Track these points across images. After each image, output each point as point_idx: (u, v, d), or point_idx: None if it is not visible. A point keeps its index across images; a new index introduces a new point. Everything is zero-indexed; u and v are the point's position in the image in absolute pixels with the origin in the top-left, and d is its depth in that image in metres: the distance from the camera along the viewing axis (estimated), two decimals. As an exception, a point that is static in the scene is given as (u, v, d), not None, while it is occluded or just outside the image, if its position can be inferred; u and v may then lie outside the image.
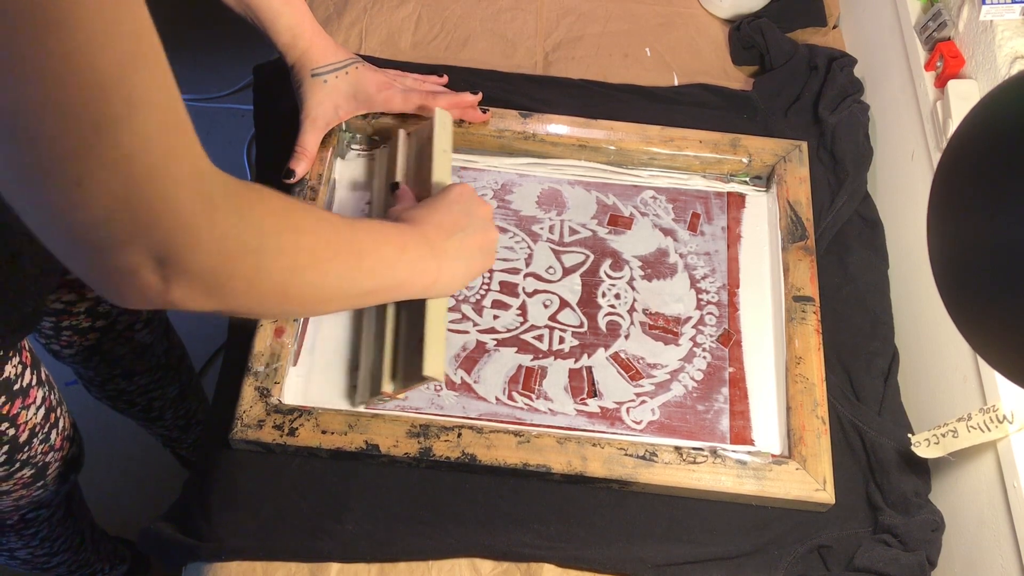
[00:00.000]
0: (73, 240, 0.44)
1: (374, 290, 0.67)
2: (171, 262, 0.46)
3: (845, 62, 1.01)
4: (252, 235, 0.51)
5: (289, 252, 0.55)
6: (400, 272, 0.68)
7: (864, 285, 0.90)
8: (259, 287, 0.53)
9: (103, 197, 0.41)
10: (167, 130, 0.43)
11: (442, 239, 0.72)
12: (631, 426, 0.81)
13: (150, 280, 0.46)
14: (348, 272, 0.62)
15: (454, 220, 0.74)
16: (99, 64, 0.37)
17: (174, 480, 1.05)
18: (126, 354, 1.10)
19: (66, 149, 0.39)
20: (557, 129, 0.93)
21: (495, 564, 0.75)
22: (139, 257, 0.45)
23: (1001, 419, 0.70)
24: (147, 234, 0.44)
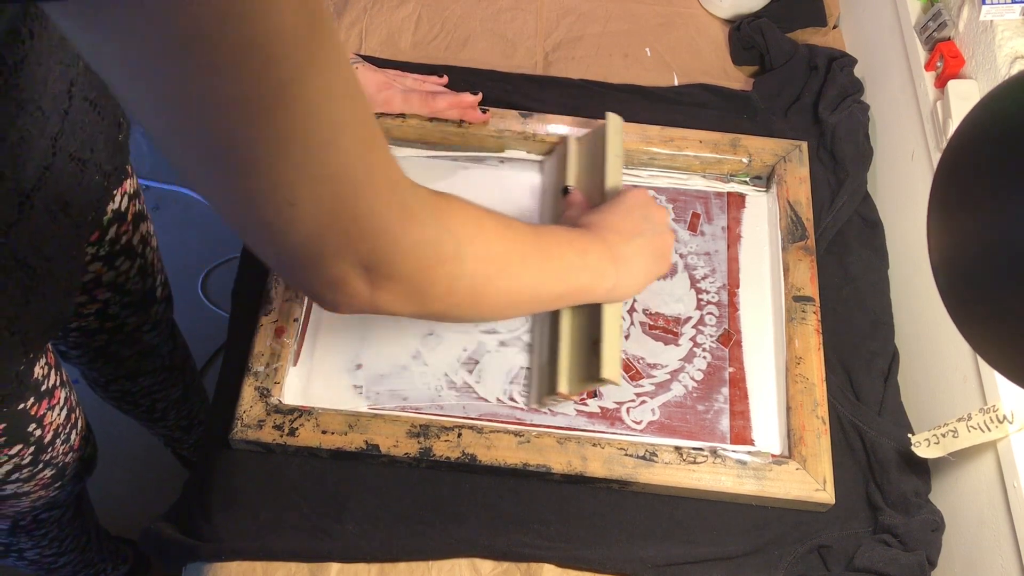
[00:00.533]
0: (288, 255, 0.48)
1: (562, 294, 0.68)
2: (376, 270, 0.49)
3: (845, 62, 1.01)
4: (448, 242, 0.53)
5: (482, 258, 0.57)
6: (583, 276, 0.69)
7: (864, 285, 0.90)
8: (456, 292, 0.56)
9: (314, 214, 0.45)
10: (367, 147, 0.45)
11: (621, 243, 0.73)
12: (631, 426, 0.81)
13: (359, 288, 0.50)
14: (537, 276, 0.63)
15: (633, 225, 0.75)
16: (306, 94, 0.40)
17: (174, 480, 1.05)
18: (132, 356, 1.10)
19: (280, 175, 0.42)
20: (557, 129, 0.93)
21: (495, 564, 0.75)
22: (348, 267, 0.48)
23: (1001, 419, 0.70)
24: (355, 246, 0.48)
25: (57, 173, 0.70)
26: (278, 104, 0.39)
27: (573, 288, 0.68)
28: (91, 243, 0.86)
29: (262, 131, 0.40)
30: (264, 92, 0.38)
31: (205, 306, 1.69)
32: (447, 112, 0.91)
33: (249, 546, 0.74)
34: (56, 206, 0.71)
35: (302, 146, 0.41)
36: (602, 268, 0.71)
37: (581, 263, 0.69)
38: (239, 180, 0.43)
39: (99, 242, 0.87)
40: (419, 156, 0.94)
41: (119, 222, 0.88)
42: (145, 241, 0.96)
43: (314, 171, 0.43)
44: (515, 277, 0.61)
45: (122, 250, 0.91)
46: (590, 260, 0.70)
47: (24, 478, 0.87)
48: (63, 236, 0.73)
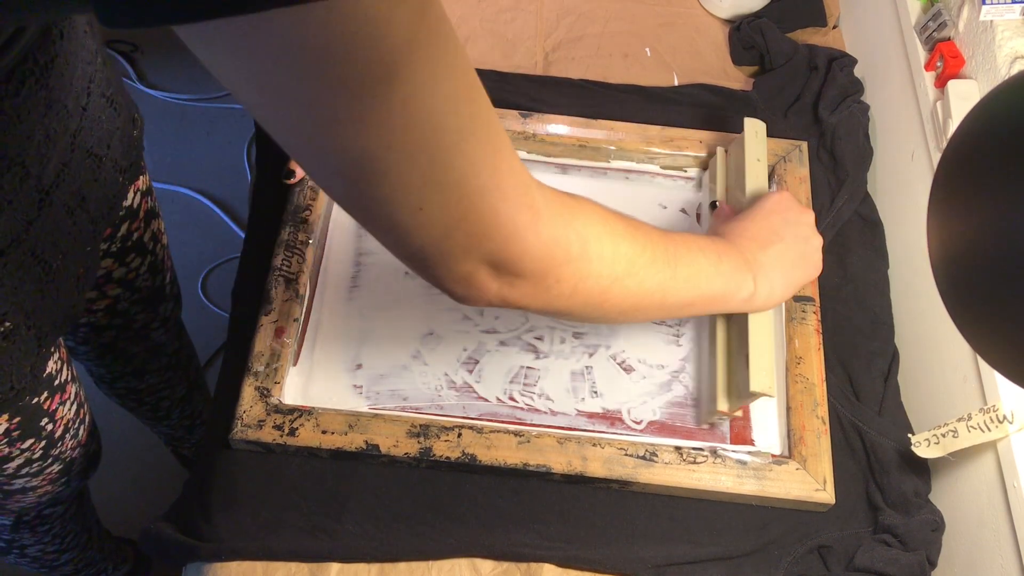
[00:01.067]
0: (418, 255, 0.50)
1: (691, 301, 0.66)
2: (505, 267, 0.51)
3: (845, 62, 1.01)
4: (575, 241, 0.54)
5: (609, 259, 0.58)
6: (716, 284, 0.67)
7: (864, 285, 0.90)
8: (582, 291, 0.57)
9: (441, 218, 0.46)
10: (491, 151, 0.46)
11: (757, 251, 0.72)
12: (631, 426, 0.81)
13: (488, 283, 0.52)
14: (665, 281, 0.63)
15: (771, 231, 0.74)
16: (430, 104, 0.41)
17: (175, 480, 1.05)
18: (139, 353, 1.10)
19: (408, 181, 0.44)
20: (557, 129, 0.93)
21: (495, 564, 0.75)
22: (476, 265, 0.50)
23: (1001, 419, 0.70)
24: (481, 245, 0.49)
25: (75, 169, 0.70)
26: (404, 117, 0.40)
27: (705, 295, 0.67)
28: (104, 239, 0.86)
29: (389, 143, 0.41)
30: (387, 105, 0.40)
31: (205, 306, 1.69)
32: None
33: (249, 546, 0.74)
34: (74, 202, 0.71)
35: (428, 155, 0.43)
36: (738, 277, 0.69)
37: (714, 270, 0.67)
38: (368, 188, 0.44)
39: (111, 238, 0.87)
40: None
41: (131, 218, 0.88)
42: (156, 238, 0.96)
43: (441, 177, 0.44)
44: (643, 279, 0.60)
45: (133, 246, 0.91)
46: (724, 268, 0.68)
47: (34, 472, 0.87)
48: (79, 231, 0.73)
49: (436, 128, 0.42)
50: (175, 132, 1.89)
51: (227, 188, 1.80)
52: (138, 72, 1.94)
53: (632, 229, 0.61)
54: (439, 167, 0.44)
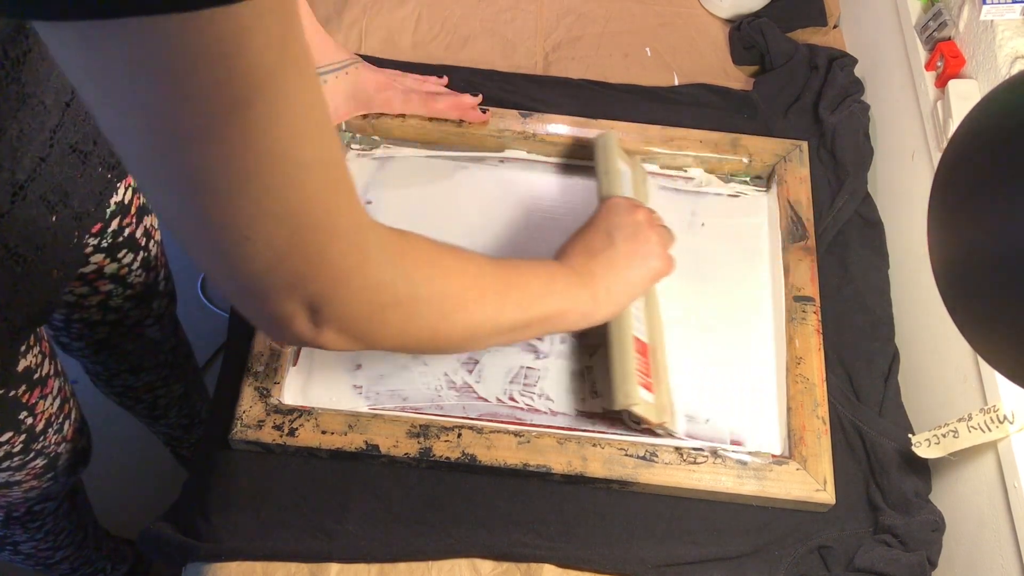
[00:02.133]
0: (238, 287, 0.48)
1: (526, 323, 0.67)
2: (324, 312, 0.50)
3: (845, 62, 1.01)
4: (403, 285, 0.54)
5: (438, 299, 0.58)
6: (549, 305, 0.68)
7: (864, 285, 0.90)
8: (410, 332, 0.57)
9: (268, 250, 0.45)
10: (331, 190, 0.45)
11: (588, 262, 0.72)
12: (631, 426, 0.80)
13: (302, 327, 0.50)
14: (495, 310, 0.63)
15: (600, 238, 0.75)
16: (274, 134, 0.40)
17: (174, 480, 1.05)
18: (135, 349, 1.10)
19: (238, 209, 0.42)
20: (557, 129, 0.93)
21: (495, 564, 0.75)
22: (294, 306, 0.49)
23: (1001, 419, 0.70)
24: (304, 286, 0.48)
25: (54, 165, 0.70)
26: (244, 141, 0.40)
27: (540, 315, 0.68)
28: (93, 234, 0.86)
29: (225, 165, 0.40)
30: (231, 129, 0.39)
31: (205, 306, 1.69)
32: (447, 113, 0.91)
33: (249, 546, 0.74)
34: (54, 197, 0.71)
35: (263, 184, 0.42)
36: (571, 293, 0.70)
37: (546, 290, 0.68)
38: (198, 209, 0.43)
39: (101, 233, 0.87)
40: (419, 156, 0.94)
41: (122, 214, 0.88)
42: (149, 235, 0.96)
43: (273, 209, 0.43)
44: (472, 313, 0.61)
45: (125, 242, 0.91)
46: (556, 287, 0.69)
47: (15, 466, 0.87)
48: (60, 227, 0.73)
49: (276, 159, 0.41)
50: (175, 132, 1.89)
51: (227, 188, 1.80)
52: (138, 72, 1.94)
53: (463, 263, 0.61)
54: (273, 199, 0.43)
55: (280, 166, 0.42)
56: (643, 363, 0.77)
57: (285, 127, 0.40)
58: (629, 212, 0.77)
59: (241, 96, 0.38)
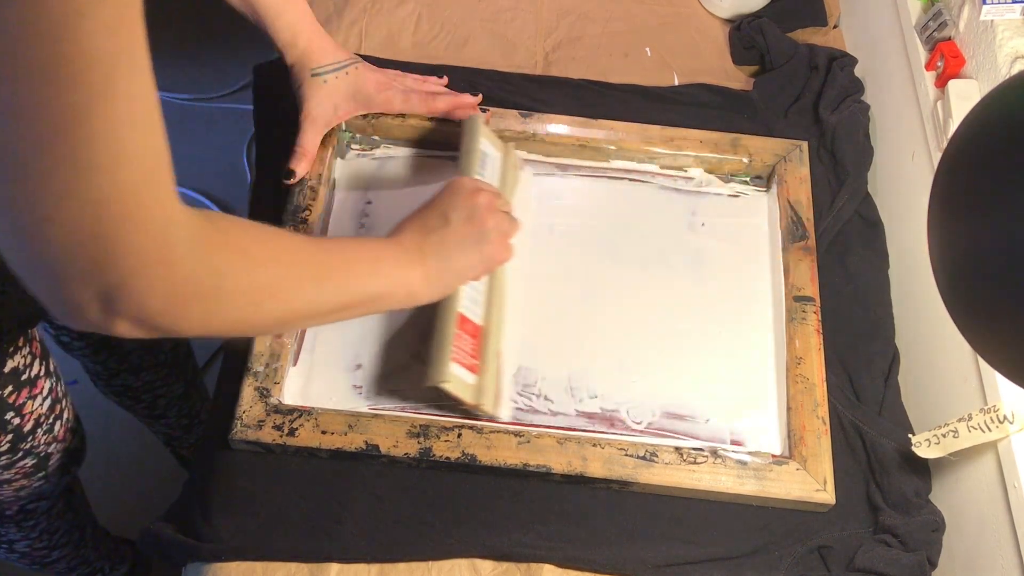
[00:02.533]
0: (33, 267, 0.47)
1: (347, 305, 0.66)
2: (118, 302, 0.48)
3: (845, 62, 1.01)
4: (208, 279, 0.53)
5: (246, 290, 0.56)
6: (371, 286, 0.68)
7: (864, 285, 0.90)
8: (214, 323, 0.55)
9: (69, 235, 0.44)
10: (146, 182, 0.45)
11: (418, 241, 0.72)
12: (631, 426, 0.81)
13: (92, 315, 0.49)
14: (313, 297, 0.63)
15: (437, 216, 0.74)
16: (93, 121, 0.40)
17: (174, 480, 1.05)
18: (134, 349, 1.10)
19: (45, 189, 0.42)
20: (557, 129, 0.93)
21: (495, 564, 0.75)
22: (87, 295, 0.47)
23: (1001, 419, 0.70)
24: (100, 274, 0.47)
25: None
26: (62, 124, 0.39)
27: (363, 297, 0.67)
28: None
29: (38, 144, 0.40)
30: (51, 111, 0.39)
31: (205, 306, 1.69)
32: (447, 113, 0.91)
33: (249, 546, 0.74)
34: None
35: (75, 168, 0.41)
36: (397, 274, 0.70)
37: (370, 271, 0.68)
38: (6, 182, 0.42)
39: None
40: (419, 156, 0.94)
41: None
42: None
43: (81, 194, 0.43)
44: (286, 300, 0.60)
45: None
46: (382, 268, 0.69)
47: (2, 465, 0.87)
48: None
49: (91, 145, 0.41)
50: (175, 132, 1.87)
51: (227, 188, 1.80)
52: (138, 72, 1.94)
53: (278, 251, 0.60)
54: (83, 184, 0.42)
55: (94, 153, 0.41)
56: (472, 344, 0.77)
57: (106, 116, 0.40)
58: (469, 194, 0.76)
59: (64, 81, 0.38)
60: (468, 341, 0.76)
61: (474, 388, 0.76)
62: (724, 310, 0.87)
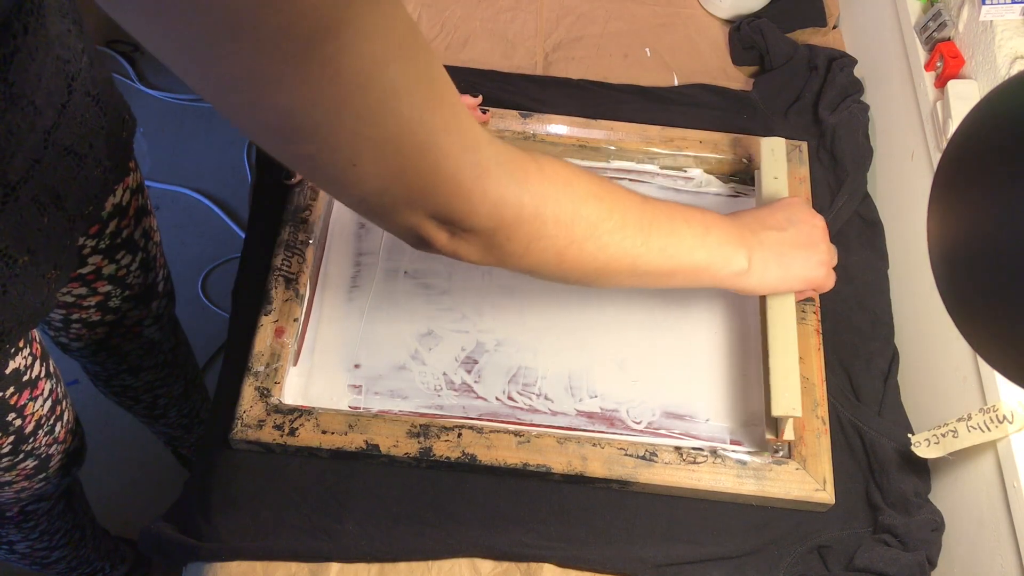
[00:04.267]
0: (362, 206, 0.50)
1: (670, 271, 0.65)
2: (451, 222, 0.51)
3: (845, 62, 1.01)
4: (528, 202, 0.53)
5: (566, 221, 0.56)
6: (698, 255, 0.67)
7: (864, 285, 0.90)
8: (536, 250, 0.56)
9: (377, 173, 0.46)
10: (429, 109, 0.46)
11: (758, 229, 0.72)
12: (631, 426, 0.81)
13: (436, 235, 0.52)
14: (634, 247, 0.61)
15: (778, 219, 0.74)
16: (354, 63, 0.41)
17: (174, 480, 1.05)
18: (134, 350, 1.10)
19: (337, 138, 0.44)
20: (557, 129, 0.93)
21: (495, 564, 0.75)
22: (421, 218, 0.50)
23: (1001, 419, 0.70)
24: (424, 200, 0.49)
25: (48, 166, 0.70)
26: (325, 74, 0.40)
27: (686, 266, 0.66)
28: (91, 236, 0.86)
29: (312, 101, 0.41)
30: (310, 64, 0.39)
31: (205, 306, 1.69)
32: None
33: (249, 546, 0.74)
34: (46, 199, 0.71)
35: (354, 112, 0.43)
36: (726, 250, 0.68)
37: (697, 242, 0.66)
38: (298, 146, 0.44)
39: (99, 235, 0.87)
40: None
41: (120, 216, 0.88)
42: (148, 235, 0.96)
43: (371, 133, 0.44)
44: (606, 244, 0.59)
45: (123, 244, 0.91)
46: (711, 240, 0.67)
47: (4, 467, 0.87)
48: (53, 229, 0.73)
49: (361, 87, 0.42)
50: (175, 132, 1.89)
51: (227, 188, 1.80)
52: (138, 72, 1.94)
53: (601, 192, 0.60)
54: (367, 124, 0.43)
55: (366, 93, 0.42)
56: None
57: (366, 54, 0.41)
58: (811, 215, 0.77)
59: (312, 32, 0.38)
60: None
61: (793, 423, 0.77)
62: (724, 310, 0.87)
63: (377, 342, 0.83)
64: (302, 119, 0.42)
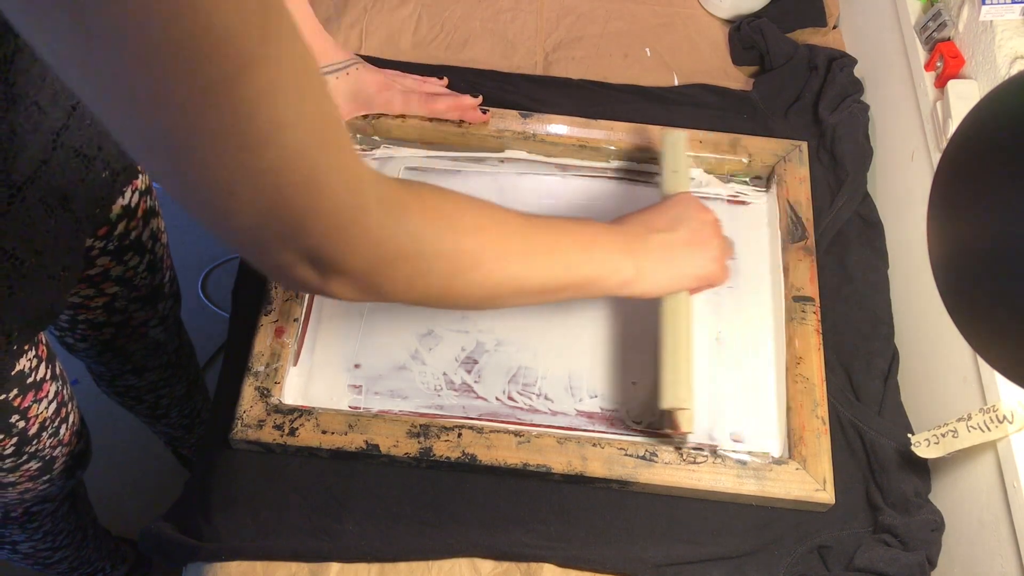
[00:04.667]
0: (234, 240, 0.48)
1: (556, 287, 0.65)
2: (325, 263, 0.49)
3: (845, 62, 1.01)
4: (408, 240, 0.53)
5: (449, 255, 0.56)
6: (584, 269, 0.67)
7: (864, 285, 0.90)
8: (419, 287, 0.56)
9: (253, 206, 0.45)
10: (316, 146, 0.45)
11: (644, 235, 0.71)
12: (631, 426, 0.81)
13: (307, 275, 0.50)
14: (519, 271, 0.62)
15: (667, 220, 0.74)
16: (244, 93, 0.40)
17: (175, 480, 1.05)
18: (138, 350, 1.10)
19: (217, 166, 0.42)
20: (557, 129, 0.93)
21: (495, 564, 0.75)
22: (293, 257, 0.49)
23: (1001, 419, 0.70)
24: (297, 239, 0.47)
25: (56, 168, 0.70)
26: (213, 101, 0.39)
27: (573, 281, 0.66)
28: (99, 237, 0.86)
29: (197, 125, 0.40)
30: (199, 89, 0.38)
31: (205, 306, 1.69)
32: (447, 113, 0.91)
33: (249, 546, 0.74)
34: (54, 200, 0.71)
35: (238, 142, 0.41)
36: (613, 261, 0.69)
37: (583, 256, 0.67)
38: (178, 166, 0.43)
39: (107, 236, 0.87)
40: (419, 156, 0.94)
41: (128, 218, 0.88)
42: (155, 237, 0.96)
43: (252, 165, 0.43)
44: (491, 271, 0.59)
45: (131, 245, 0.91)
46: (596, 252, 0.68)
47: (7, 467, 0.86)
48: (60, 230, 0.73)
49: (249, 118, 0.41)
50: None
51: (227, 188, 1.80)
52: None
53: (482, 221, 0.59)
54: (251, 156, 0.42)
55: (253, 125, 0.41)
56: None
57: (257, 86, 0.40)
58: (700, 210, 0.76)
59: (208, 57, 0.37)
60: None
61: (690, 415, 0.76)
62: (724, 310, 0.87)
63: (377, 342, 0.83)
64: (184, 141, 0.41)
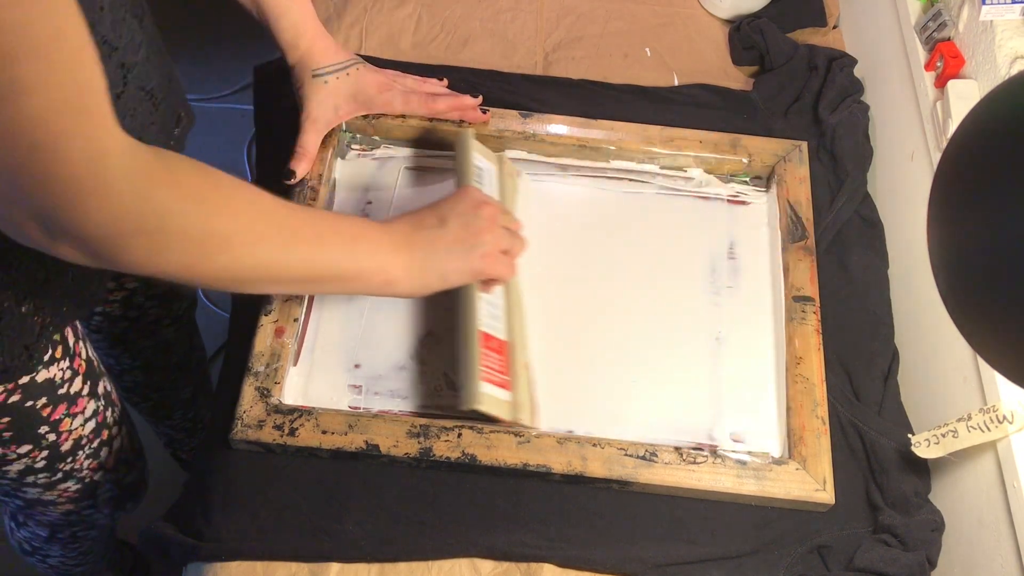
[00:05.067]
0: None
1: (315, 279, 0.66)
2: (56, 227, 0.50)
3: (845, 62, 1.01)
4: (151, 216, 0.53)
5: (195, 236, 0.56)
6: (345, 264, 0.67)
7: (864, 285, 0.90)
8: (159, 263, 0.56)
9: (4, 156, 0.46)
10: (61, 112, 0.45)
11: (407, 233, 0.71)
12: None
13: (36, 235, 0.51)
14: (275, 259, 0.62)
15: (436, 216, 0.73)
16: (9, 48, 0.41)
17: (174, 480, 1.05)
18: (148, 347, 1.10)
19: None
20: (557, 129, 0.93)
21: (495, 564, 0.75)
22: (22, 215, 0.50)
23: (1001, 419, 0.70)
24: (29, 200, 0.48)
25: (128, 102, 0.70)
26: None
27: (334, 274, 0.67)
28: None
29: None
30: None
31: (205, 306, 1.69)
32: (447, 113, 0.91)
33: (249, 546, 0.74)
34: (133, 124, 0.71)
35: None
36: (377, 260, 0.69)
37: (345, 252, 0.67)
38: None
39: None
40: (419, 156, 0.94)
41: None
42: None
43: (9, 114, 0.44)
44: (243, 257, 0.59)
45: None
46: (359, 250, 0.68)
47: (42, 484, 0.86)
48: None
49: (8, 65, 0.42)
50: (175, 132, 1.89)
51: (227, 188, 1.80)
52: (138, 72, 1.94)
53: (238, 204, 0.59)
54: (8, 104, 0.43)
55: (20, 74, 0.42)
56: (500, 361, 0.76)
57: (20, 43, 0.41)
58: (473, 205, 0.75)
59: None
60: (495, 358, 0.76)
61: (509, 404, 0.76)
62: (724, 310, 0.87)
63: (377, 342, 0.83)
64: None
